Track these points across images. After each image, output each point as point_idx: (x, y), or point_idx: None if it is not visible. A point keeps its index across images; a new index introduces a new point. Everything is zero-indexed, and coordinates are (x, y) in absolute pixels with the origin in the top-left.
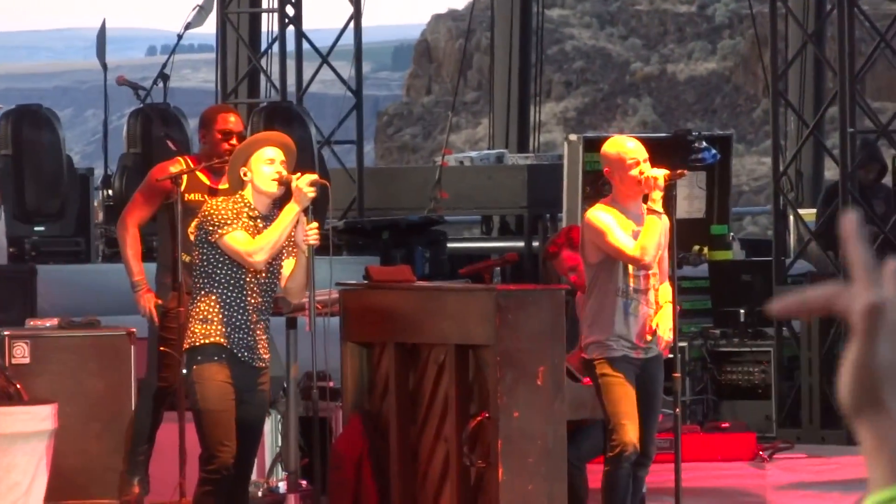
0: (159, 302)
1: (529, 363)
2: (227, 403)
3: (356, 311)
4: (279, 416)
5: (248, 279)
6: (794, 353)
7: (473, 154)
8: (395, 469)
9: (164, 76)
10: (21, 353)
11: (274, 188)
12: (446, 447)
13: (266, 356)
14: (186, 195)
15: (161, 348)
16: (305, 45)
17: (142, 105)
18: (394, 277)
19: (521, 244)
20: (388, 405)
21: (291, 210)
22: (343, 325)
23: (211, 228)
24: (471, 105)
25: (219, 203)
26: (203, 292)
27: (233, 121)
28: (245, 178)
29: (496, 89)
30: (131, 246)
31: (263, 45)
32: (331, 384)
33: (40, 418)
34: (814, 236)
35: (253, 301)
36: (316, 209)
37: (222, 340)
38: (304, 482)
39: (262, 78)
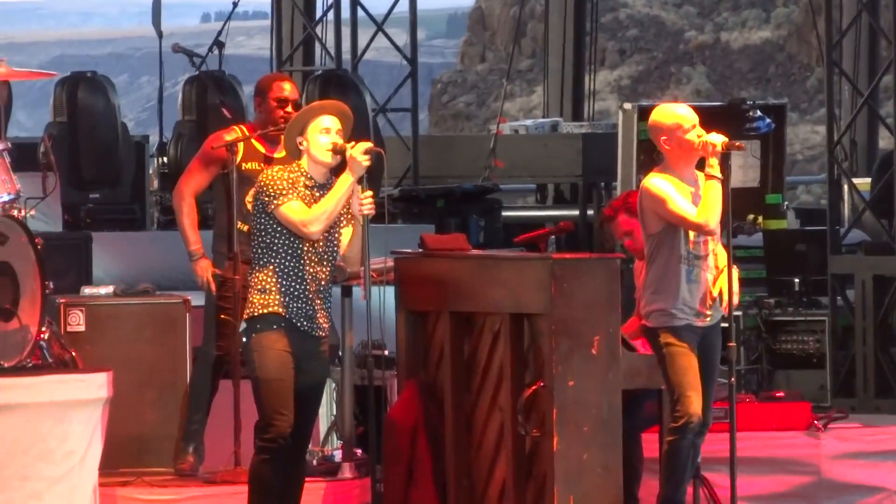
0: (216, 271)
1: (584, 332)
2: (286, 372)
3: (411, 279)
4: (334, 385)
5: (305, 248)
6: (849, 322)
7: (528, 122)
8: (449, 438)
9: (219, 43)
10: (76, 320)
11: (329, 158)
12: (501, 416)
13: (326, 325)
14: (243, 164)
15: (221, 316)
16: (360, 13)
17: (197, 72)
18: (448, 246)
19: (575, 213)
20: (443, 374)
21: (346, 179)
22: (398, 293)
23: (267, 199)
24: (525, 73)
25: (275, 173)
26: (262, 262)
27: (288, 89)
28: (301, 148)
29: (551, 57)
30: (188, 215)
31: (318, 13)
32: (385, 353)
33: (95, 386)
34: (868, 205)
35: (311, 270)
36: (371, 178)
37: (281, 310)
38: (358, 451)
39: (317, 45)
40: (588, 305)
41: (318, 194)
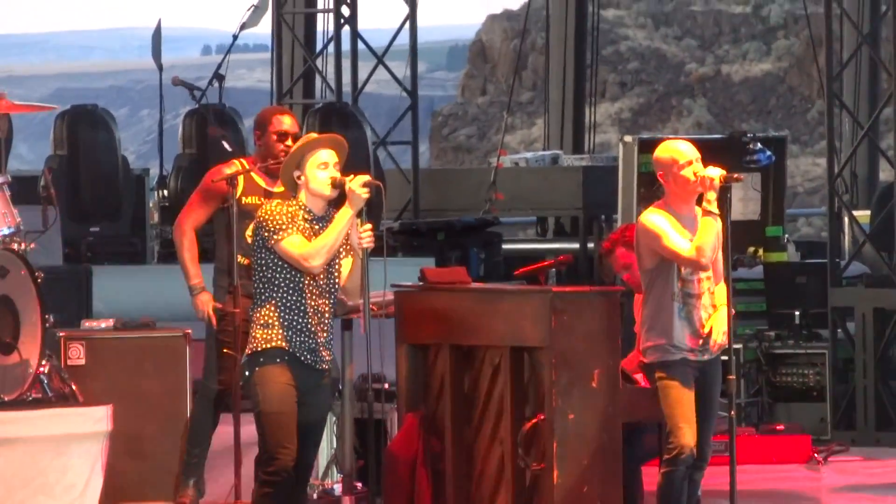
0: (217, 305)
1: (584, 365)
2: (289, 406)
3: (411, 312)
4: (334, 418)
5: (307, 282)
6: (849, 355)
7: (528, 155)
8: (450, 471)
9: (219, 76)
10: (77, 353)
11: (328, 192)
12: (501, 449)
13: (328, 358)
14: (243, 198)
15: (223, 350)
16: (361, 46)
17: (197, 105)
18: (449, 279)
19: (576, 245)
20: (444, 407)
21: (346, 213)
22: (398, 326)
23: (267, 234)
24: (526, 105)
25: (273, 207)
26: (263, 297)
27: (288, 122)
28: (299, 182)
29: (551, 90)
30: (188, 249)
31: (319, 46)
32: (386, 386)
33: (95, 419)
34: (868, 238)
35: (313, 303)
36: (370, 210)
37: (284, 344)
38: (359, 484)
39: (318, 78)
40: (588, 338)
41: (317, 227)
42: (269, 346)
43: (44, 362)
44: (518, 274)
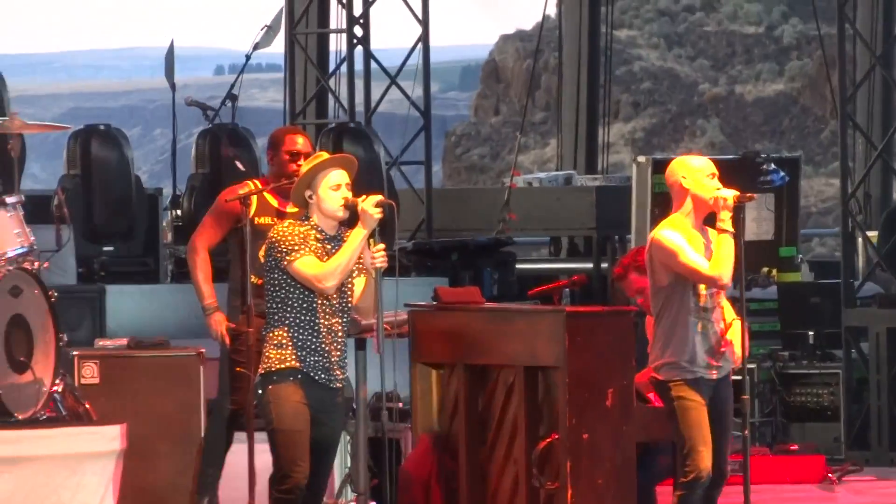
0: (231, 325)
1: (598, 385)
2: (303, 423)
3: (425, 332)
4: (348, 437)
5: (320, 302)
6: (863, 374)
7: (542, 175)
8: (464, 490)
9: (232, 96)
10: (90, 373)
11: (341, 213)
12: (515, 468)
13: (341, 376)
14: (256, 218)
15: (238, 369)
16: (373, 66)
17: (210, 125)
18: (462, 299)
19: (589, 265)
20: (458, 426)
21: (359, 233)
22: (412, 346)
23: (279, 255)
24: (539, 125)
25: (285, 228)
26: (276, 317)
27: (300, 142)
28: (310, 202)
29: (564, 110)
30: (201, 269)
31: (332, 66)
32: (400, 405)
33: (109, 438)
34: (882, 259)
35: (326, 323)
36: (383, 230)
37: (297, 364)
38: (373, 503)
39: (331, 98)
40: (602, 358)
41: (329, 247)
42: (282, 365)
43: (57, 381)
44: (532, 294)
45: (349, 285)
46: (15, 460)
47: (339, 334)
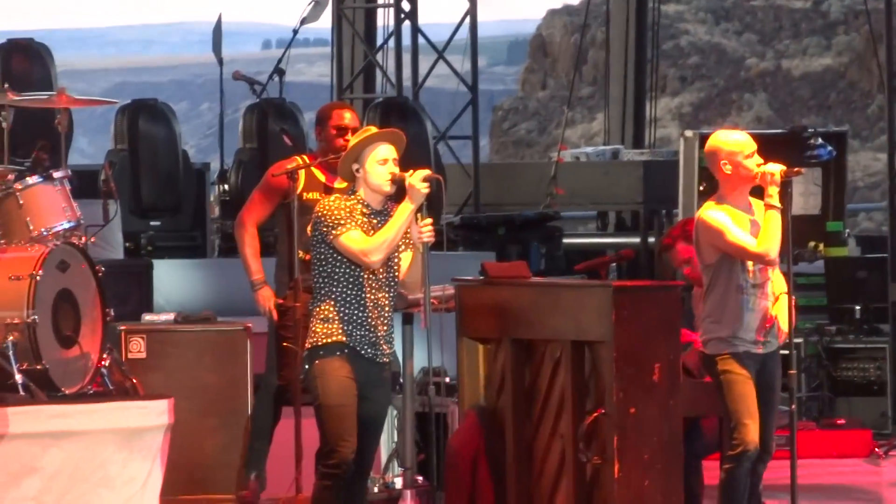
0: (279, 300)
1: (645, 359)
2: (349, 398)
3: (472, 307)
4: (395, 412)
5: (366, 276)
6: None
7: (589, 150)
8: (510, 465)
9: (279, 71)
10: (137, 347)
11: (388, 188)
12: (562, 443)
13: (388, 351)
14: (304, 193)
15: (284, 344)
16: (421, 40)
17: (258, 100)
18: (509, 273)
19: (636, 240)
20: (504, 401)
21: (406, 208)
22: (459, 320)
23: (326, 229)
24: (586, 100)
25: (332, 202)
26: (323, 291)
27: (348, 117)
28: (357, 175)
29: (611, 84)
30: (249, 245)
31: (379, 40)
32: (447, 380)
33: (156, 413)
34: None
35: (372, 297)
36: (430, 205)
37: (344, 338)
38: (419, 478)
39: (378, 73)
40: (649, 333)
41: (375, 221)
42: (329, 340)
43: (104, 356)
44: (578, 268)
45: (396, 260)
46: (62, 435)
47: (386, 309)
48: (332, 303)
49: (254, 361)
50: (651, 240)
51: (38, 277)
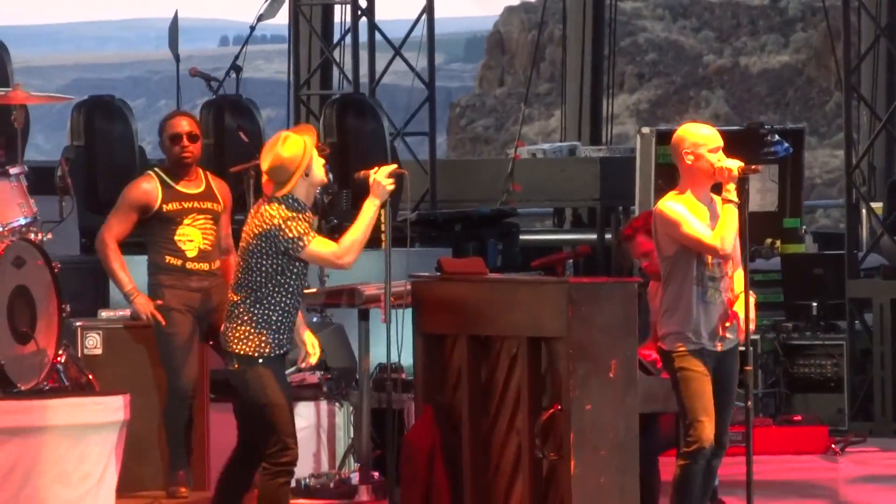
0: (159, 302)
1: (602, 356)
2: (289, 398)
3: (428, 303)
4: (351, 408)
5: (302, 284)
6: (867, 346)
7: (546, 146)
8: (466, 461)
9: (236, 67)
10: (93, 343)
11: (324, 176)
12: (518, 439)
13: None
14: (163, 206)
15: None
16: (378, 37)
17: (214, 96)
18: (466, 269)
19: (593, 237)
20: (461, 397)
21: (371, 206)
22: (415, 317)
23: (287, 243)
24: (543, 97)
25: (279, 212)
26: (270, 300)
27: (184, 124)
28: (303, 180)
29: (569, 81)
30: (116, 259)
31: (336, 37)
32: (403, 376)
33: (112, 409)
34: (886, 230)
35: (297, 302)
36: (394, 200)
37: (281, 348)
38: (375, 473)
39: (335, 69)
40: (605, 329)
41: (310, 218)
42: (279, 350)
43: (60, 352)
44: (535, 265)
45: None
46: (18, 431)
47: None
48: (280, 312)
49: (210, 357)
50: (608, 236)
51: None
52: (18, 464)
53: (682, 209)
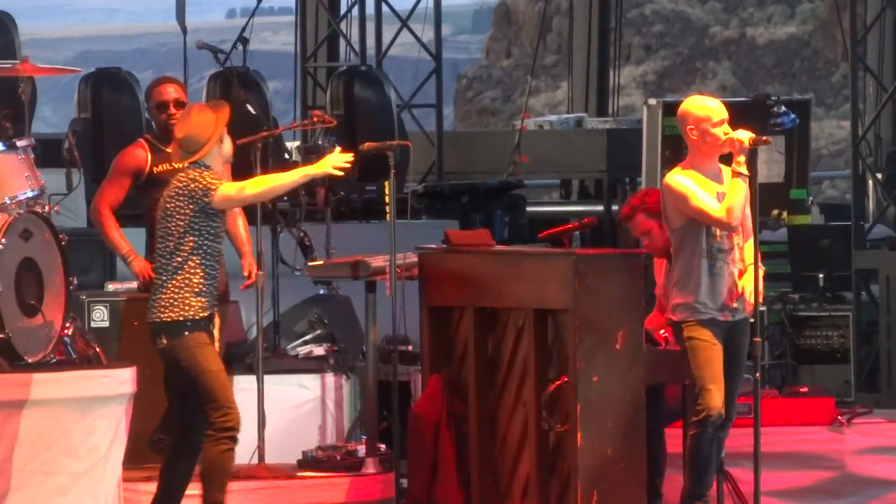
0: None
1: (608, 328)
2: (222, 364)
3: (435, 275)
4: (358, 381)
5: (219, 244)
6: (873, 317)
7: (553, 118)
8: (473, 433)
9: (243, 39)
10: (100, 316)
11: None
12: (525, 411)
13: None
14: (154, 169)
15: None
16: (385, 9)
17: (221, 68)
18: (473, 241)
19: (600, 208)
20: (467, 369)
21: (308, 170)
22: (422, 289)
23: (201, 194)
24: (550, 68)
25: (190, 174)
26: (192, 263)
27: (170, 91)
28: (216, 150)
29: (575, 53)
30: (112, 227)
31: (343, 9)
32: (409, 348)
33: (119, 382)
34: (892, 201)
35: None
36: (397, 172)
37: (208, 311)
38: (382, 446)
39: (342, 41)
40: (612, 301)
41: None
42: (204, 314)
43: (67, 324)
44: (542, 236)
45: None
46: (25, 403)
47: None
48: (201, 275)
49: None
50: (615, 208)
51: (0, 246)
52: (26, 436)
53: (689, 182)
